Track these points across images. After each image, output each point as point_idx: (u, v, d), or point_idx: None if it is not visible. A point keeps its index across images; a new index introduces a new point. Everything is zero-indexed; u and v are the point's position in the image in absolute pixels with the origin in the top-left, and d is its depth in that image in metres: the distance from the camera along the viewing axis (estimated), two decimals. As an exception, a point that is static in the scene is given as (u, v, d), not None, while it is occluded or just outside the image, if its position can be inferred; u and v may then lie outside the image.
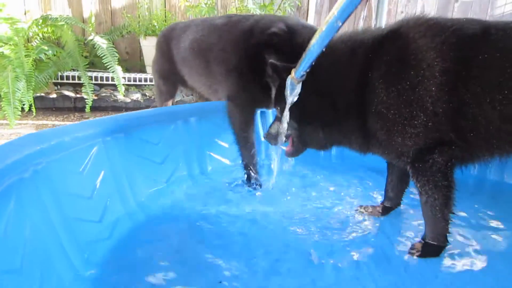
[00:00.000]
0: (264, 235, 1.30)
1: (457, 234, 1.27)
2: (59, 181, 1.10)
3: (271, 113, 1.95)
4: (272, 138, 1.37)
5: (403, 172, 1.37)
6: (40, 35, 3.59)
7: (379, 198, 1.54)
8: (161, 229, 1.31)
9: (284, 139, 1.34)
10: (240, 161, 1.70)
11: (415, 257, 1.16)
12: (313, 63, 1.12)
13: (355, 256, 1.18)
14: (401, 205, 1.46)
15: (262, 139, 1.47)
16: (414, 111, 1.05)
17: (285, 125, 1.29)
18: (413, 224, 1.38)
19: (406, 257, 1.17)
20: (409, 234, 1.31)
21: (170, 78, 2.16)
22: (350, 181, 1.75)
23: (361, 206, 1.47)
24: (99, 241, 1.17)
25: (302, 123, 1.27)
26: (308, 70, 1.15)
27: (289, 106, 1.25)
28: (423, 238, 1.19)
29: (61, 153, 1.15)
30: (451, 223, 1.15)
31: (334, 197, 1.57)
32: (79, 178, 1.21)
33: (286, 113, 1.27)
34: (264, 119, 1.98)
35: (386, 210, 1.44)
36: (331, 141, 1.29)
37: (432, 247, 1.17)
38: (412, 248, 1.19)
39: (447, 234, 1.16)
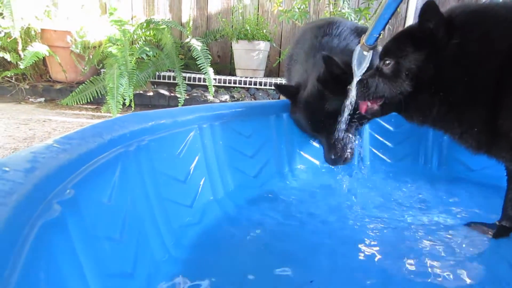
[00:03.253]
0: (354, 237, 1.19)
1: None
2: (158, 161, 1.12)
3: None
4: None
5: None
6: (143, 37, 3.88)
7: (492, 216, 1.32)
8: (248, 220, 1.27)
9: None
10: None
11: None
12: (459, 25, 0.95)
13: (466, 277, 1.00)
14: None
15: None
16: None
17: (348, 104, 1.17)
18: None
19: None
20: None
21: None
22: (455, 194, 1.56)
23: (472, 223, 1.27)
24: (189, 226, 1.16)
25: (420, 89, 1.06)
26: (381, 33, 1.01)
27: (357, 81, 1.11)
28: None
29: (161, 133, 1.16)
30: None
31: (437, 211, 1.39)
32: (176, 161, 1.22)
33: (354, 90, 1.14)
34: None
35: (503, 231, 1.22)
36: (438, 123, 1.10)
37: None
38: None
39: None
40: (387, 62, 1.11)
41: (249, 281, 0.95)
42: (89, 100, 3.43)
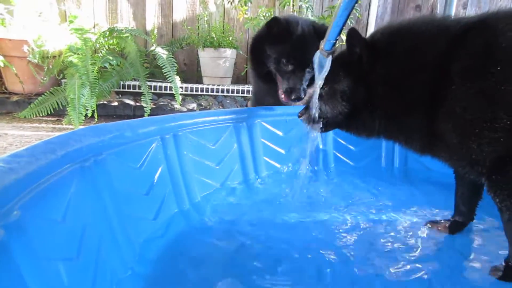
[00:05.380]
0: (318, 243, 1.19)
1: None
2: (117, 174, 1.08)
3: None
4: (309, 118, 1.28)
5: (475, 182, 1.23)
6: (106, 46, 3.79)
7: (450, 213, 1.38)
8: (215, 231, 1.25)
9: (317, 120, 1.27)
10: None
11: (496, 278, 1.01)
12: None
13: (425, 273, 1.04)
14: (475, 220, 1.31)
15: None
16: (496, 112, 0.90)
17: (313, 110, 1.22)
18: (491, 241, 1.22)
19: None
20: (488, 253, 1.15)
21: None
22: (415, 193, 1.64)
23: (430, 222, 1.33)
24: (153, 239, 1.14)
25: (357, 109, 1.16)
26: (337, 39, 1.08)
27: (319, 87, 1.17)
28: (506, 260, 1.03)
29: (121, 146, 1.13)
30: None
31: (398, 211, 1.44)
32: (137, 174, 1.19)
33: (316, 97, 1.19)
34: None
35: (457, 225, 1.29)
36: (383, 134, 1.18)
37: None
38: (495, 269, 1.04)
39: None
40: (325, 87, 1.21)
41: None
42: (49, 112, 3.30)
